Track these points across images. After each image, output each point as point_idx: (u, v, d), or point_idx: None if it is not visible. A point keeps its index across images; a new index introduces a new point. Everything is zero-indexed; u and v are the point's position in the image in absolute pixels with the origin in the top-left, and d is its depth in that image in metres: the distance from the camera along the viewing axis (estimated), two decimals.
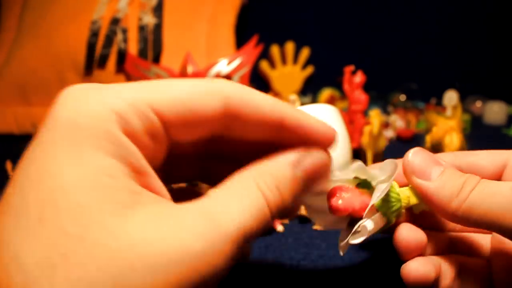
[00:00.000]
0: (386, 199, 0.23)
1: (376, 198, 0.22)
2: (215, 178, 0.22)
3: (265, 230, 0.18)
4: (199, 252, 0.15)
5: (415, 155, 0.23)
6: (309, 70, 0.98)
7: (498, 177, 0.24)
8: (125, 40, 0.72)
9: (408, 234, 0.24)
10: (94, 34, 0.71)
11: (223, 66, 0.72)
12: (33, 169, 0.15)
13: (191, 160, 0.22)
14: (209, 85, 0.18)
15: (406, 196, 0.24)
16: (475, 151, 0.25)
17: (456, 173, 0.22)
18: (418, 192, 0.23)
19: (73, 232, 0.13)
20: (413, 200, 0.24)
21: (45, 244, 0.13)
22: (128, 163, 0.16)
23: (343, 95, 0.92)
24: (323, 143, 0.20)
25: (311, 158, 0.20)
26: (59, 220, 0.14)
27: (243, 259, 0.23)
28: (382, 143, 0.56)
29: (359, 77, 0.53)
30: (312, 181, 0.20)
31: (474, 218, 0.21)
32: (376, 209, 0.23)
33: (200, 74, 0.70)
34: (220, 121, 0.18)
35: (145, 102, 0.16)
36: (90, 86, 0.17)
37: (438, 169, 0.22)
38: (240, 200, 0.17)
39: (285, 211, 0.19)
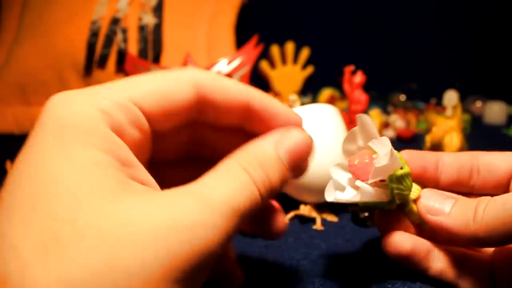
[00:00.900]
0: (400, 179, 0.24)
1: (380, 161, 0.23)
2: (205, 158, 0.23)
3: (257, 210, 0.18)
4: (187, 225, 0.15)
5: (426, 197, 0.24)
6: (309, 70, 0.98)
7: (510, 176, 0.25)
8: (125, 40, 0.72)
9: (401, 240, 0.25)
10: (94, 34, 0.71)
11: (223, 66, 0.72)
12: (25, 166, 0.15)
13: (179, 145, 0.23)
14: (181, 73, 0.19)
15: (417, 189, 0.25)
16: (492, 152, 0.27)
17: (468, 200, 0.23)
18: (436, 228, 0.24)
19: (65, 216, 0.14)
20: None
21: (38, 231, 0.14)
22: (115, 156, 0.16)
23: (343, 95, 0.92)
24: (283, 121, 0.21)
25: (292, 137, 0.20)
26: (51, 207, 0.14)
27: (270, 235, 0.24)
28: None
29: (359, 77, 0.53)
30: (297, 160, 0.20)
31: (496, 231, 0.21)
32: (386, 184, 0.24)
33: None
34: (194, 107, 0.20)
35: (126, 97, 0.18)
36: (74, 91, 0.18)
37: (450, 201, 0.24)
38: (227, 179, 0.17)
39: (274, 191, 0.19)
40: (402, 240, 0.25)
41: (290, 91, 0.95)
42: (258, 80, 0.98)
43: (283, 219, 0.24)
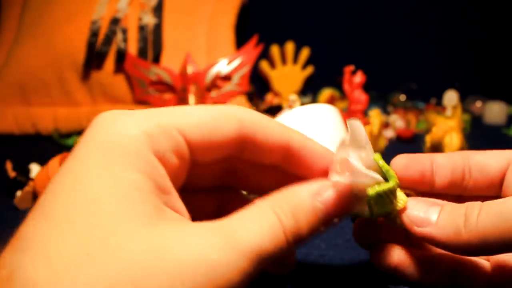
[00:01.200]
0: (377, 197, 0.21)
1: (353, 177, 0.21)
2: (240, 186, 0.24)
3: (281, 256, 0.18)
4: (215, 264, 0.15)
5: (410, 206, 0.23)
6: (309, 70, 0.98)
7: (502, 175, 0.24)
8: (125, 40, 0.72)
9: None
10: (94, 34, 0.71)
11: (223, 66, 0.72)
12: (67, 180, 0.16)
13: (213, 175, 0.24)
14: (226, 109, 0.20)
15: (401, 199, 0.23)
16: (482, 151, 0.25)
17: (455, 206, 0.22)
18: (425, 240, 0.22)
19: (100, 236, 0.14)
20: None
21: (73, 245, 0.14)
22: (155, 181, 0.17)
23: (343, 95, 0.92)
24: (322, 164, 0.22)
25: (332, 191, 0.20)
26: (88, 225, 0.15)
27: (282, 269, 0.24)
28: (382, 143, 0.56)
29: (359, 77, 0.53)
30: (332, 214, 0.20)
31: (492, 240, 0.20)
32: (366, 197, 0.22)
33: (200, 74, 0.70)
34: (235, 143, 0.20)
35: (172, 124, 0.18)
36: (123, 112, 0.18)
37: (436, 209, 0.22)
38: (257, 222, 0.17)
39: (301, 240, 0.19)
40: (388, 254, 0.24)
41: (290, 91, 0.95)
42: (258, 80, 0.98)
43: (294, 258, 0.24)
